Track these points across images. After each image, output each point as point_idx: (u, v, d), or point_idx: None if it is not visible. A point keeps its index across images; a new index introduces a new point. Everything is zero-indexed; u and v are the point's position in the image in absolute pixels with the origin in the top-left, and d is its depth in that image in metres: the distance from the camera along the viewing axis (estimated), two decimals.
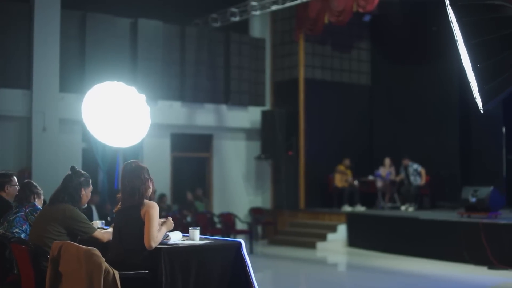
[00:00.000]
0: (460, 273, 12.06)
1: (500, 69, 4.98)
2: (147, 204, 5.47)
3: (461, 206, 14.01)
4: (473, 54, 5.00)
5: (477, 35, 4.97)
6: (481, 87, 4.98)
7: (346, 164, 17.45)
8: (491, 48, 5.00)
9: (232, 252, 5.49)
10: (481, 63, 4.95)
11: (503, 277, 11.45)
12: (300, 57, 17.95)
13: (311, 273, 13.10)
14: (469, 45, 4.97)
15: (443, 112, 17.27)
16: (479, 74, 5.00)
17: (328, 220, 16.84)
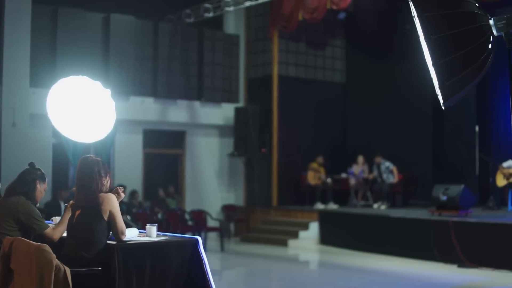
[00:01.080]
0: (430, 271, 12.04)
1: (461, 65, 4.90)
2: (106, 198, 5.37)
3: (432, 204, 14.01)
4: (434, 50, 4.91)
5: (438, 31, 4.89)
6: (442, 83, 4.90)
7: (319, 161, 17.40)
8: (452, 43, 4.92)
9: (188, 249, 5.39)
10: (442, 58, 4.86)
11: (472, 276, 11.44)
12: (274, 54, 17.88)
13: (282, 271, 13.02)
14: (430, 40, 4.89)
15: (417, 110, 17.27)
16: (439, 70, 4.92)
17: (300, 218, 16.78)
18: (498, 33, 5.13)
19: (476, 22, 4.99)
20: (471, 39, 4.94)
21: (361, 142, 18.37)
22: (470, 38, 4.95)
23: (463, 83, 4.99)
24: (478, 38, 4.97)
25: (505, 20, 5.10)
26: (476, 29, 4.99)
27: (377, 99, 18.13)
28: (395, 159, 16.96)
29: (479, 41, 4.95)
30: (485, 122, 17.75)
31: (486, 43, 5.04)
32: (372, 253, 14.18)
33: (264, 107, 17.86)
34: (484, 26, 5.06)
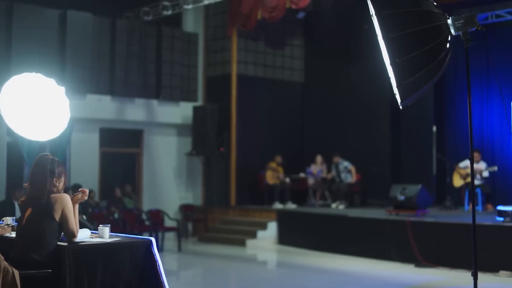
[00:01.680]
0: (388, 271, 12.07)
1: (418, 65, 4.88)
2: (59, 198, 5.24)
3: (390, 204, 14.06)
4: (392, 49, 4.89)
5: (396, 29, 4.86)
6: (400, 83, 4.87)
7: (277, 161, 17.36)
8: (409, 42, 4.89)
9: (142, 250, 5.28)
10: (400, 57, 4.84)
11: (429, 275, 11.50)
12: (233, 53, 17.79)
13: (240, 271, 12.95)
14: (388, 39, 4.86)
15: (375, 110, 17.32)
16: (397, 69, 4.90)
17: (258, 217, 16.72)
18: (456, 32, 5.11)
19: (434, 21, 4.97)
20: (428, 38, 4.92)
21: (320, 141, 18.37)
22: (428, 37, 4.93)
23: (421, 83, 4.97)
24: (436, 37, 4.96)
25: (463, 19, 5.08)
26: (434, 28, 4.97)
27: (336, 98, 18.15)
28: (354, 159, 16.99)
29: (437, 40, 4.93)
30: (442, 122, 17.89)
31: (444, 43, 5.02)
32: (330, 253, 14.18)
33: (223, 106, 17.75)
34: (442, 25, 5.04)
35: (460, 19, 5.02)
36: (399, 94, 4.91)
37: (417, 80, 4.89)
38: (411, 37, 4.87)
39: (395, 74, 4.88)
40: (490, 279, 10.87)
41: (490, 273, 11.16)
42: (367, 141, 17.46)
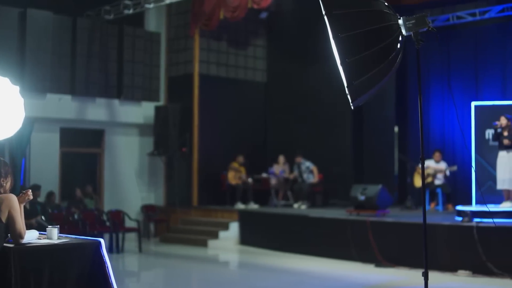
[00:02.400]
0: (348, 271, 12.08)
1: (369, 65, 4.86)
2: (5, 198, 5.14)
3: (351, 204, 14.09)
4: (342, 48, 4.87)
5: (347, 29, 4.85)
6: (350, 83, 4.86)
7: (239, 161, 17.32)
8: (359, 42, 4.88)
9: (90, 252, 5.20)
10: (350, 57, 4.82)
11: (389, 275, 11.53)
12: (195, 53, 17.72)
13: (201, 271, 12.87)
14: (338, 38, 4.83)
15: (337, 110, 17.34)
16: (347, 69, 4.88)
17: (220, 218, 16.67)
18: (407, 32, 5.11)
19: (385, 21, 4.96)
20: (379, 39, 4.91)
21: (282, 141, 18.38)
22: (379, 37, 4.92)
23: (371, 83, 4.95)
24: (387, 38, 4.95)
25: (414, 20, 5.08)
26: (385, 28, 4.96)
27: (299, 98, 18.15)
28: (316, 159, 17.00)
29: (388, 40, 4.92)
30: (404, 123, 17.96)
31: (395, 43, 5.01)
32: (291, 253, 14.17)
33: (185, 106, 17.67)
34: (393, 25, 5.03)
35: (411, 20, 5.02)
36: (349, 94, 4.90)
37: (367, 80, 4.87)
38: (361, 37, 4.86)
39: (346, 74, 4.87)
40: (449, 279, 10.94)
41: (449, 273, 11.24)
42: (329, 141, 17.50)
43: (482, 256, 10.89)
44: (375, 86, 4.96)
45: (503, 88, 16.32)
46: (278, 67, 18.97)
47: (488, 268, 10.81)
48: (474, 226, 11.15)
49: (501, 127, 12.71)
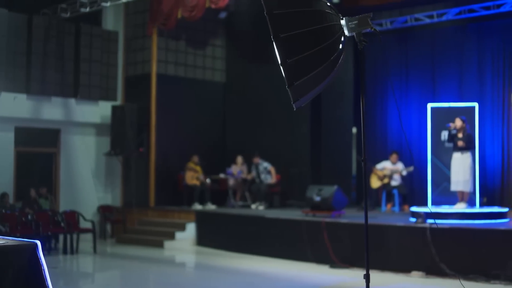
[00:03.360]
0: (303, 272, 12.07)
1: (310, 66, 4.80)
2: None
3: (307, 205, 14.08)
4: (283, 48, 4.81)
5: (287, 29, 4.78)
6: (291, 83, 4.79)
7: (195, 161, 17.21)
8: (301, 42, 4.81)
9: (26, 255, 5.04)
10: (291, 58, 4.76)
11: (343, 276, 11.53)
12: (153, 52, 17.58)
13: (156, 273, 12.73)
14: (279, 39, 4.77)
15: (295, 111, 17.16)
16: (288, 70, 4.82)
17: (177, 218, 16.56)
18: (350, 33, 5.06)
19: (327, 21, 4.91)
20: (321, 39, 4.86)
21: (241, 142, 18.33)
22: (320, 37, 4.86)
23: (313, 84, 4.90)
24: (329, 38, 4.89)
25: (356, 20, 5.03)
26: (326, 28, 4.91)
27: (257, 99, 18.12)
28: (274, 160, 16.98)
29: (329, 41, 4.87)
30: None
31: (337, 43, 4.96)
32: (248, 254, 14.13)
33: (142, 106, 17.53)
34: (335, 26, 4.98)
35: (354, 20, 4.97)
36: (291, 95, 4.84)
37: (309, 81, 4.81)
38: (303, 38, 4.79)
39: (286, 74, 4.81)
40: (402, 280, 10.98)
41: (403, 274, 11.29)
42: (287, 142, 17.49)
43: (435, 257, 10.93)
44: (316, 87, 4.90)
45: (460, 90, 16.45)
46: (237, 67, 18.91)
47: (441, 269, 10.86)
48: (427, 227, 11.19)
49: (456, 129, 12.80)
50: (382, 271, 11.55)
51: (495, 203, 15.37)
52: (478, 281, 10.35)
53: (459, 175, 12.80)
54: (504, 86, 15.89)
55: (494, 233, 10.68)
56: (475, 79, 16.28)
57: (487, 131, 15.96)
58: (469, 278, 10.44)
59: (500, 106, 15.93)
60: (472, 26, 16.44)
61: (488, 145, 15.99)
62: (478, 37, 16.37)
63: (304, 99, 4.88)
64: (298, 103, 4.88)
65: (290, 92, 4.83)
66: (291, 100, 4.93)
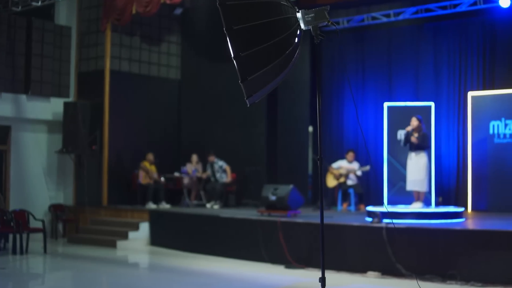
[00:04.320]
0: (257, 273, 11.89)
1: (264, 60, 4.60)
2: None
3: (262, 204, 13.91)
4: (236, 41, 4.60)
5: (241, 21, 4.58)
6: (244, 78, 4.59)
7: (149, 159, 16.95)
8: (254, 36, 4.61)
9: None
10: (244, 51, 4.55)
11: (298, 276, 11.38)
12: (107, 48, 17.25)
13: (108, 274, 12.41)
14: (232, 31, 4.57)
15: (251, 109, 17.02)
16: (241, 63, 4.61)
17: (130, 218, 16.26)
18: (306, 27, 4.87)
19: (282, 14, 4.71)
20: (276, 32, 4.66)
21: (196, 140, 18.13)
22: (275, 30, 4.67)
23: (267, 79, 4.70)
24: (284, 31, 4.70)
25: (313, 13, 4.84)
26: (282, 21, 4.71)
27: (212, 97, 17.93)
28: (229, 158, 16.81)
29: (285, 34, 4.67)
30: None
31: (292, 37, 4.77)
32: (202, 255, 13.92)
33: (95, 103, 17.19)
34: (291, 19, 4.80)
35: (310, 13, 4.78)
36: (244, 90, 4.63)
37: (262, 76, 4.61)
38: (256, 30, 4.59)
39: (240, 68, 4.60)
40: (358, 280, 10.87)
41: (359, 274, 11.19)
42: (243, 141, 17.33)
43: (391, 257, 10.84)
44: (271, 82, 4.71)
45: (416, 89, 16.49)
46: (192, 64, 18.68)
47: (397, 269, 10.76)
48: (383, 227, 11.09)
49: (412, 128, 12.75)
50: (338, 271, 11.44)
51: (450, 202, 15.41)
52: (434, 281, 10.28)
53: (415, 174, 12.75)
54: (460, 86, 15.95)
55: (450, 233, 10.62)
56: (432, 78, 16.32)
57: (443, 130, 16.00)
58: (425, 279, 10.36)
59: (456, 106, 15.99)
60: (429, 26, 16.47)
61: (444, 145, 16.03)
62: (434, 37, 16.40)
63: (258, 94, 4.68)
64: (251, 99, 4.68)
65: (243, 88, 4.62)
66: (245, 96, 4.72)
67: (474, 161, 15.23)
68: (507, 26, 15.29)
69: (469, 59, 15.88)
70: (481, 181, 15.10)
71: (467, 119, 15.48)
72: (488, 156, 15.06)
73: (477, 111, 15.26)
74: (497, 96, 15.07)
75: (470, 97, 15.38)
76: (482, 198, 15.08)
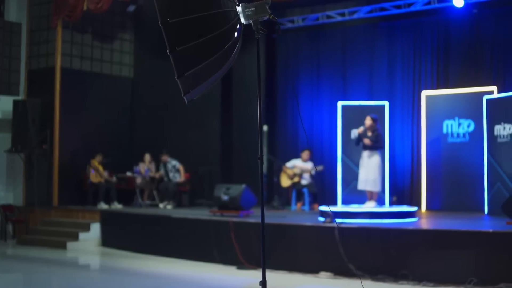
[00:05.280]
0: (209, 274, 11.70)
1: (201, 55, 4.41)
2: None
3: (215, 204, 13.72)
4: (171, 35, 4.41)
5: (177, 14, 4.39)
6: (181, 73, 4.39)
7: (98, 159, 16.65)
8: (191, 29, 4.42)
9: None
10: (180, 45, 4.36)
11: (250, 277, 11.22)
12: (58, 45, 16.90)
13: (57, 276, 12.13)
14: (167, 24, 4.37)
15: (205, 108, 16.99)
16: (178, 58, 4.42)
17: (82, 218, 15.94)
18: (247, 21, 4.70)
19: (221, 7, 4.52)
20: (214, 26, 4.47)
21: (149, 139, 17.89)
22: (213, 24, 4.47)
23: (205, 75, 4.51)
24: (222, 25, 4.51)
25: (253, 7, 4.66)
26: (221, 14, 4.52)
27: (166, 95, 17.65)
28: (183, 158, 16.62)
29: (223, 28, 4.48)
30: (273, 122, 17.82)
31: (232, 31, 4.58)
32: (154, 256, 13.66)
33: (46, 101, 16.81)
34: (230, 12, 4.61)
35: (251, 7, 4.60)
36: (181, 86, 4.44)
37: (200, 72, 4.42)
38: (194, 24, 4.40)
39: (176, 64, 4.41)
40: (310, 281, 10.75)
41: (310, 274, 11.05)
42: (197, 140, 17.13)
43: (343, 257, 10.72)
44: (209, 78, 4.52)
45: (370, 88, 16.45)
46: (145, 62, 18.42)
47: (349, 269, 10.65)
48: (335, 227, 10.98)
49: (366, 128, 12.68)
50: (290, 272, 11.30)
51: (405, 202, 15.40)
52: (386, 281, 10.19)
53: (367, 174, 12.67)
54: (414, 85, 15.95)
55: (402, 233, 10.55)
56: (386, 77, 16.30)
57: (396, 129, 15.99)
58: (377, 279, 10.27)
59: (410, 105, 15.98)
60: (383, 25, 16.45)
61: (398, 144, 16.01)
62: (389, 36, 16.39)
63: (196, 91, 4.50)
64: (189, 95, 4.49)
65: (180, 84, 4.44)
66: (182, 92, 4.53)
67: (428, 160, 15.24)
68: (461, 25, 15.32)
69: (423, 59, 15.88)
70: (435, 180, 15.11)
71: (421, 118, 15.48)
72: (442, 156, 15.07)
73: (431, 110, 15.26)
74: (451, 95, 15.09)
75: (424, 97, 15.38)
76: (436, 198, 15.10)
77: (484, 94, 14.13)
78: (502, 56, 14.86)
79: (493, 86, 14.52)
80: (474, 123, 14.66)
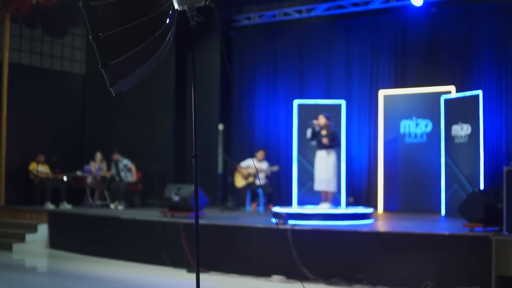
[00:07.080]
0: (157, 277, 11.34)
1: (128, 42, 4.00)
2: None
3: (166, 205, 13.31)
4: (95, 21, 3.99)
5: None
6: (106, 63, 3.98)
7: (39, 160, 16.13)
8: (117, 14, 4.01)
9: None
10: (105, 32, 3.95)
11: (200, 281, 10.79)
12: (5, 39, 16.31)
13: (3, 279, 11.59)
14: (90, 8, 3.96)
15: (158, 106, 16.61)
16: (102, 46, 4.00)
17: (29, 219, 15.38)
18: (181, 7, 4.30)
19: None
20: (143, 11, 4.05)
21: (100, 137, 17.41)
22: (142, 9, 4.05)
23: (134, 64, 4.09)
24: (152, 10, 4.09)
25: None
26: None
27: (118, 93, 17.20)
28: (135, 157, 16.20)
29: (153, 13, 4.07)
30: (229, 121, 17.54)
31: (163, 17, 4.16)
32: (104, 258, 13.21)
33: None
34: None
35: None
36: (106, 76, 4.02)
37: (127, 61, 4.01)
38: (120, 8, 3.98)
39: (100, 52, 3.99)
40: (262, 284, 10.45)
41: (263, 278, 10.75)
42: (150, 138, 16.72)
43: (296, 260, 10.41)
44: (138, 68, 4.12)
45: (327, 87, 16.23)
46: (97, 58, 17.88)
47: (302, 272, 10.34)
48: (288, 229, 10.65)
49: (320, 126, 12.39)
50: (241, 275, 10.96)
51: (362, 203, 15.16)
52: (340, 285, 9.93)
53: (323, 174, 12.38)
54: (372, 84, 15.76)
55: (357, 235, 10.28)
56: (343, 76, 16.09)
57: (353, 129, 15.77)
58: (331, 282, 10.00)
59: (367, 104, 15.78)
60: (341, 23, 16.24)
61: (355, 144, 15.80)
62: (346, 34, 16.18)
63: (124, 82, 4.09)
64: (116, 87, 4.07)
65: (105, 74, 4.02)
66: (108, 84, 4.12)
67: (386, 160, 15.04)
68: (419, 24, 15.16)
69: (380, 58, 15.69)
70: (392, 181, 14.92)
71: (378, 118, 15.28)
72: (399, 156, 14.88)
73: (388, 110, 15.06)
74: (408, 95, 14.91)
75: (381, 96, 15.17)
76: (393, 199, 14.91)
77: (442, 94, 13.98)
78: (461, 55, 14.72)
79: (451, 85, 14.36)
80: (432, 123, 14.49)
